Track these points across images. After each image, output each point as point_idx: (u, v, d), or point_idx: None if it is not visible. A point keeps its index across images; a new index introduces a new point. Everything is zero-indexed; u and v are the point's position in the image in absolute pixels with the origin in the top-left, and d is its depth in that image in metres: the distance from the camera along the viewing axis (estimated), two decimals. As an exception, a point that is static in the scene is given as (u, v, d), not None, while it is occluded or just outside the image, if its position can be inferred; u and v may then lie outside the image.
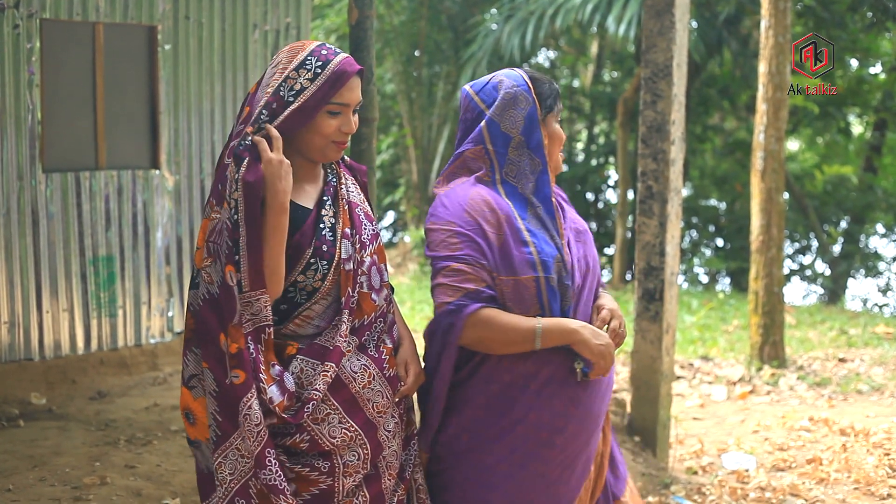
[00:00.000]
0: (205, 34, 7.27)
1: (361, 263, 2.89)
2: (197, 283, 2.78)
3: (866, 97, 16.52)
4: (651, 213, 5.86)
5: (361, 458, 2.85)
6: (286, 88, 2.77)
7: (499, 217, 2.99)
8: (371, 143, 5.20)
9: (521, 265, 2.95)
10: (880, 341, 9.79)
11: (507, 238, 2.97)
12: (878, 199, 17.79)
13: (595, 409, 3.06)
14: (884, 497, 5.48)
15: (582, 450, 3.06)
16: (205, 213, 2.80)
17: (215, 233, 2.73)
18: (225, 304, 2.68)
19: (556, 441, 3.00)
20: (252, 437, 2.66)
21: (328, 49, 2.84)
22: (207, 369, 2.71)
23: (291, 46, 2.86)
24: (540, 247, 2.97)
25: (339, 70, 2.81)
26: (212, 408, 2.72)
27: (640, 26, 11.97)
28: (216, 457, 2.71)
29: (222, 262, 2.69)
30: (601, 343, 2.94)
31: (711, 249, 18.97)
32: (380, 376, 2.92)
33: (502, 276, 2.95)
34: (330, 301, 2.85)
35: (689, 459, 6.26)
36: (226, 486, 2.71)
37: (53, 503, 4.35)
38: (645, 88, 5.86)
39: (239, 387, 2.66)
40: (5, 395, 6.12)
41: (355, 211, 2.93)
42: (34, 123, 6.38)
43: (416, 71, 16.82)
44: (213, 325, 2.70)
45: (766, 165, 8.47)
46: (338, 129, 2.84)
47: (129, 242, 6.95)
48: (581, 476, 3.10)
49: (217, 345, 2.70)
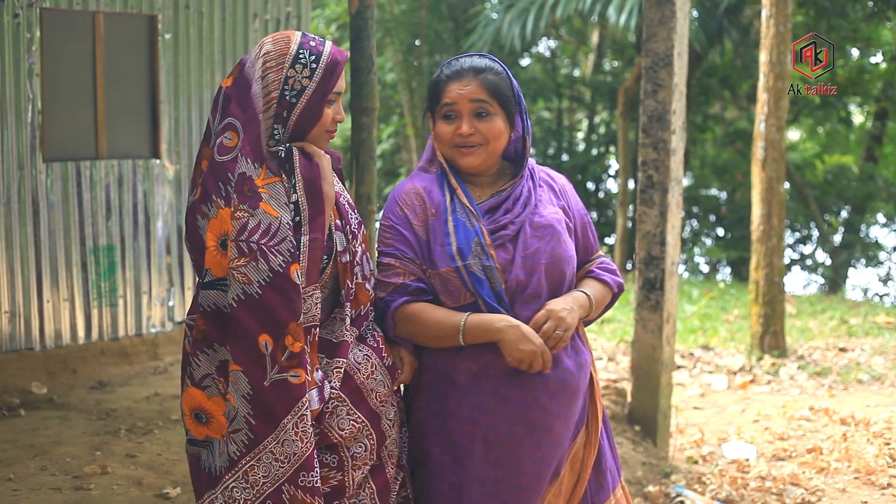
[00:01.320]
0: (205, 23, 7.26)
1: (355, 254, 2.89)
2: (216, 284, 2.71)
3: (867, 87, 16.49)
4: (652, 202, 5.86)
5: (368, 450, 2.86)
6: (288, 89, 2.76)
7: (427, 209, 3.01)
8: (371, 132, 5.18)
9: (441, 258, 2.96)
10: (881, 331, 9.79)
11: (432, 232, 2.99)
12: (878, 189, 17.79)
13: (539, 407, 2.97)
14: (884, 486, 5.49)
15: (532, 451, 2.98)
16: (207, 213, 2.72)
17: (251, 232, 2.65)
18: (283, 303, 2.64)
19: (489, 438, 2.97)
20: (306, 438, 2.65)
21: (314, 39, 2.83)
22: (240, 371, 2.65)
23: (275, 39, 2.82)
24: (459, 235, 2.96)
25: (333, 60, 2.81)
26: (244, 411, 2.66)
27: (640, 15, 11.96)
28: (248, 460, 2.67)
29: (279, 262, 2.64)
30: (524, 348, 2.88)
31: (712, 239, 18.97)
32: (380, 366, 2.93)
33: (429, 270, 2.98)
34: (326, 293, 2.84)
35: (689, 449, 6.26)
36: (258, 488, 2.67)
37: (54, 492, 4.35)
38: (646, 78, 5.85)
39: (298, 387, 2.64)
40: (6, 385, 6.12)
41: (340, 200, 2.92)
42: (34, 113, 6.38)
43: (416, 60, 16.78)
44: (252, 326, 2.64)
45: (766, 155, 8.46)
46: (332, 119, 2.86)
47: (129, 232, 6.95)
48: (537, 479, 3.00)
49: (254, 346, 2.64)
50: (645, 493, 5.46)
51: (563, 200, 3.15)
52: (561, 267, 3.00)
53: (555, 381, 2.98)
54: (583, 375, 3.06)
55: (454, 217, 3.00)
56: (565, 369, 3.00)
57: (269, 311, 2.64)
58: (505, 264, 2.97)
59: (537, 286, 2.98)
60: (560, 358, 3.00)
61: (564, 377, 3.00)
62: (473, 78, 3.00)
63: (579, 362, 3.05)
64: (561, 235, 3.03)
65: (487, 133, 2.99)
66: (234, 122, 2.75)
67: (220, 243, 2.70)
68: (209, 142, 2.80)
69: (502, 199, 3.05)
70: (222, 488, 2.71)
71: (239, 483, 2.68)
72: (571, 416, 3.04)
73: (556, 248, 3.00)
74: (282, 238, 2.66)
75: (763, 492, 5.48)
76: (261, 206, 2.67)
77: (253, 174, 2.69)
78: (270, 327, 2.64)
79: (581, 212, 3.20)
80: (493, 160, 3.06)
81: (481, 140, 3.00)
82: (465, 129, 2.99)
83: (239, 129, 2.74)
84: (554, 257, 2.99)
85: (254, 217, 2.66)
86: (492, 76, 3.01)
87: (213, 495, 2.74)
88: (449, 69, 3.05)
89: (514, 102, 3.06)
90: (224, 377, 2.74)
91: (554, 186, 3.18)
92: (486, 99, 2.99)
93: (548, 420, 2.98)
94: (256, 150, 2.73)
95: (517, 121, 3.08)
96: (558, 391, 2.99)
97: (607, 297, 3.18)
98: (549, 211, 3.07)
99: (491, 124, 3.00)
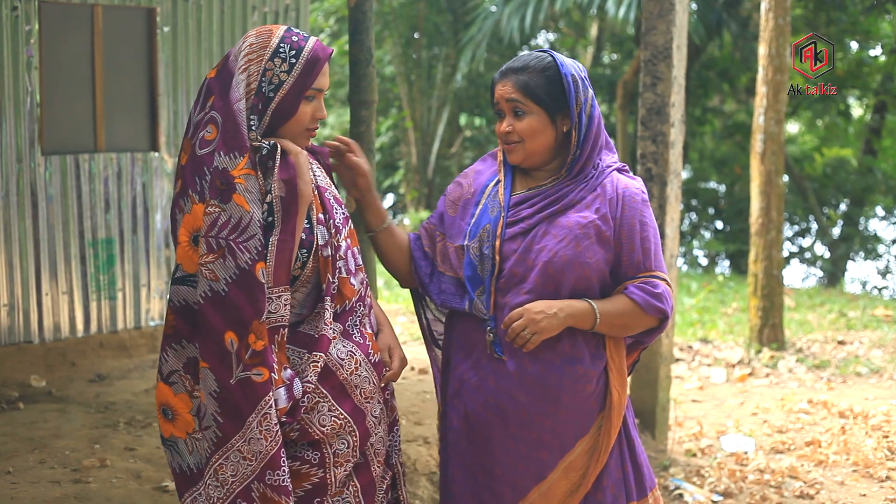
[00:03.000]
0: (203, 16, 7.25)
1: (338, 248, 2.87)
2: (187, 280, 2.71)
3: (866, 80, 16.49)
4: (650, 195, 5.85)
5: (350, 447, 2.84)
6: (266, 82, 2.74)
7: (468, 189, 3.16)
8: (370, 125, 5.18)
9: (457, 234, 3.10)
10: (879, 324, 9.81)
11: (461, 209, 3.13)
12: (877, 182, 17.80)
13: (511, 398, 2.98)
14: (882, 479, 5.50)
15: (505, 442, 3.00)
16: (183, 208, 2.71)
17: (221, 228, 2.64)
18: (247, 301, 2.62)
19: (469, 416, 3.06)
20: (270, 437, 2.63)
21: (297, 34, 2.80)
22: (207, 369, 2.65)
23: (258, 31, 2.81)
24: (479, 219, 3.06)
25: (313, 57, 2.78)
26: (213, 408, 2.65)
27: (639, 8, 11.94)
28: (216, 458, 2.66)
29: (245, 259, 2.63)
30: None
31: (711, 232, 18.99)
32: (366, 362, 2.90)
33: (448, 242, 3.12)
34: (310, 288, 2.82)
35: (688, 442, 6.27)
36: (227, 486, 2.66)
37: (53, 485, 4.35)
38: (644, 71, 5.85)
39: (261, 385, 2.63)
40: (5, 378, 6.13)
41: (325, 195, 2.90)
42: (33, 106, 6.37)
43: (415, 53, 16.79)
44: (218, 324, 2.63)
45: (765, 148, 8.47)
46: (312, 117, 2.83)
47: (128, 225, 6.95)
48: (512, 472, 3.01)
49: (220, 344, 2.63)
50: (643, 486, 5.46)
51: (609, 208, 3.03)
52: (562, 268, 2.96)
53: (531, 377, 2.97)
54: (575, 383, 3.00)
55: (486, 202, 3.08)
56: (548, 368, 2.98)
57: (235, 308, 2.62)
58: (508, 254, 3.00)
59: (533, 282, 2.97)
60: (544, 356, 2.98)
61: (544, 376, 2.97)
62: (510, 77, 3.04)
63: (573, 369, 2.99)
64: (578, 239, 2.98)
65: (522, 132, 3.02)
66: (216, 115, 2.73)
67: (192, 239, 2.69)
68: (188, 134, 2.78)
69: (533, 195, 3.07)
70: (203, 486, 2.72)
71: (211, 481, 2.68)
72: (558, 421, 3.00)
73: (564, 250, 2.96)
74: (251, 235, 2.64)
75: (762, 485, 5.49)
76: (233, 199, 2.65)
77: (228, 165, 2.66)
78: (235, 325, 2.62)
79: (634, 226, 3.04)
80: (538, 156, 3.06)
81: (518, 138, 3.04)
82: (503, 128, 3.07)
83: (219, 122, 2.72)
84: (558, 258, 2.96)
85: (225, 212, 2.64)
86: (526, 76, 3.01)
87: (196, 492, 2.74)
88: (498, 70, 3.12)
89: (558, 101, 3.01)
90: (190, 374, 2.74)
91: (611, 194, 3.06)
92: (520, 98, 3.01)
93: (520, 413, 2.98)
94: (235, 140, 2.69)
95: (572, 118, 3.02)
96: (533, 387, 2.98)
97: (632, 315, 3.02)
98: (580, 215, 3.01)
99: (524, 123, 3.02)
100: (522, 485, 3.01)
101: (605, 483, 3.06)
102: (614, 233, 3.03)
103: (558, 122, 3.02)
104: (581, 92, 3.02)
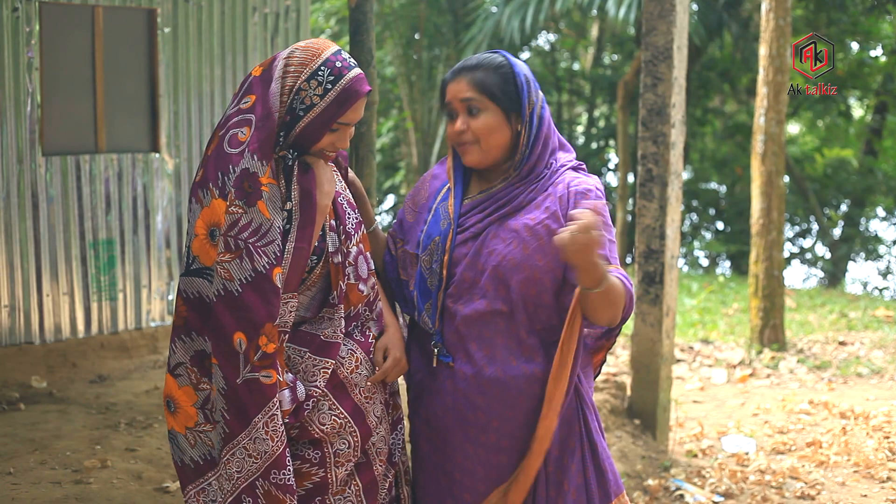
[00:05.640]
0: (204, 17, 7.25)
1: (348, 255, 2.86)
2: (203, 272, 2.70)
3: (867, 80, 16.49)
4: (651, 196, 5.86)
5: (351, 446, 2.84)
6: (299, 101, 2.71)
7: (423, 194, 3.14)
8: (371, 126, 5.18)
9: (412, 241, 3.07)
10: (880, 324, 9.80)
11: (418, 214, 3.10)
12: (878, 183, 17.79)
13: (468, 402, 2.96)
14: (883, 480, 5.49)
15: (464, 445, 2.99)
16: (202, 199, 2.70)
17: (241, 229, 2.64)
18: (260, 304, 2.62)
19: (430, 420, 3.05)
20: (276, 437, 2.64)
21: (343, 60, 2.75)
22: (217, 366, 2.66)
23: (307, 46, 2.77)
24: (430, 228, 3.02)
25: (349, 89, 2.73)
26: (221, 405, 2.67)
27: (640, 9, 11.94)
28: (224, 453, 2.68)
29: (263, 263, 2.63)
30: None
31: (711, 232, 18.99)
32: (366, 360, 2.90)
33: (405, 247, 3.10)
34: (315, 292, 2.83)
35: (689, 442, 6.27)
36: (234, 481, 2.68)
37: (54, 486, 4.35)
38: (645, 71, 5.85)
39: (269, 387, 2.63)
40: (6, 379, 6.13)
41: (338, 200, 2.89)
42: (34, 107, 6.38)
43: (416, 54, 16.77)
44: (229, 323, 2.63)
45: (766, 148, 8.47)
46: (331, 144, 2.79)
47: (129, 226, 6.95)
48: (471, 476, 2.99)
49: (229, 343, 2.64)
50: (644, 487, 5.46)
51: (559, 205, 2.98)
52: (511, 272, 2.92)
53: (488, 381, 2.94)
54: (531, 386, 2.94)
55: (437, 208, 3.05)
56: (505, 371, 2.94)
57: (247, 310, 2.62)
58: (458, 259, 2.97)
59: (484, 286, 2.94)
60: (500, 356, 2.94)
61: (501, 379, 2.94)
62: (464, 76, 2.98)
63: (530, 371, 2.94)
64: (526, 242, 2.93)
65: (477, 130, 2.96)
66: (252, 117, 2.71)
67: (209, 233, 2.68)
68: (220, 124, 2.77)
69: (482, 200, 3.02)
70: (215, 477, 2.74)
71: (224, 472, 2.69)
72: (517, 425, 2.96)
73: (512, 253, 2.92)
74: (270, 240, 2.64)
75: (762, 485, 5.49)
76: (257, 205, 2.64)
77: (259, 171, 2.66)
78: (246, 326, 2.62)
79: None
80: (493, 156, 3.00)
81: (473, 138, 2.98)
82: (457, 127, 2.99)
83: (253, 125, 2.70)
84: (507, 261, 2.91)
85: (247, 214, 2.64)
86: (482, 73, 2.96)
87: (206, 482, 2.76)
88: (449, 70, 3.06)
89: (513, 99, 2.97)
90: (197, 367, 2.74)
91: (562, 192, 3.00)
92: (475, 96, 2.95)
93: (479, 417, 2.96)
94: (265, 147, 2.68)
95: (523, 117, 2.98)
96: (490, 391, 2.94)
97: (618, 293, 2.89)
98: (529, 216, 2.97)
99: (480, 121, 2.96)
100: (482, 489, 2.99)
101: (566, 488, 3.01)
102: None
103: (512, 121, 2.97)
104: (533, 93, 2.99)
